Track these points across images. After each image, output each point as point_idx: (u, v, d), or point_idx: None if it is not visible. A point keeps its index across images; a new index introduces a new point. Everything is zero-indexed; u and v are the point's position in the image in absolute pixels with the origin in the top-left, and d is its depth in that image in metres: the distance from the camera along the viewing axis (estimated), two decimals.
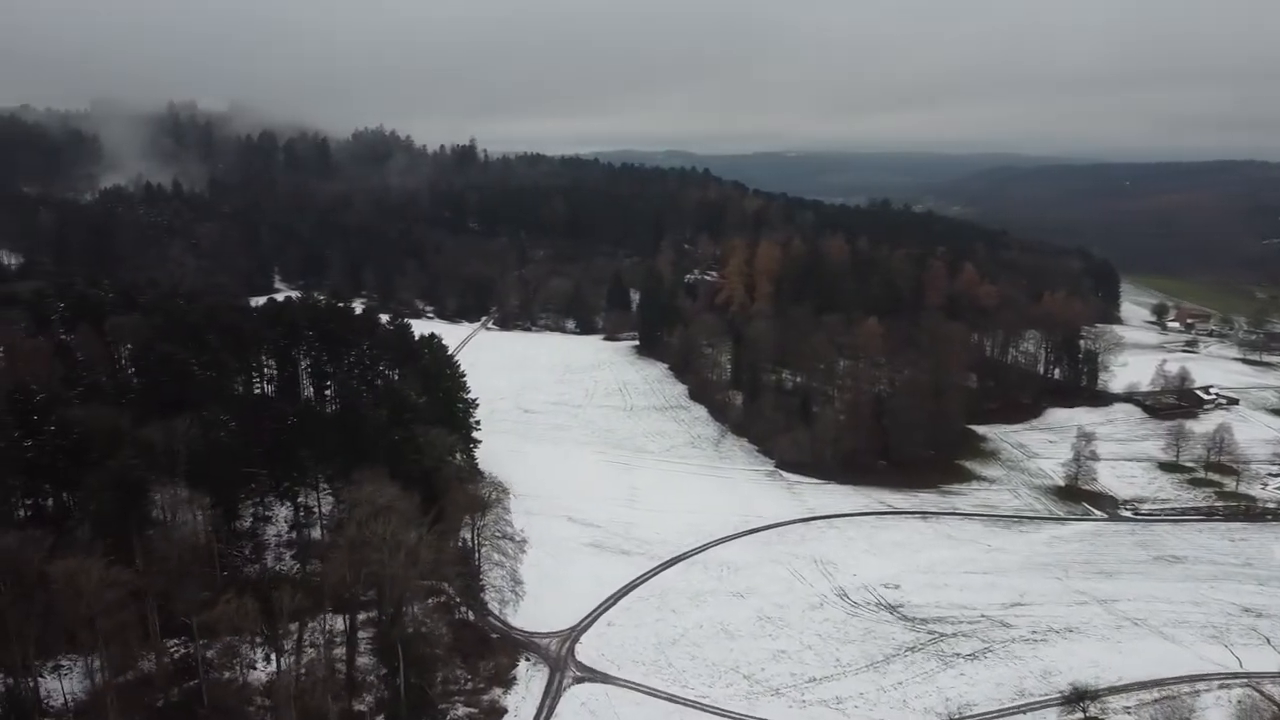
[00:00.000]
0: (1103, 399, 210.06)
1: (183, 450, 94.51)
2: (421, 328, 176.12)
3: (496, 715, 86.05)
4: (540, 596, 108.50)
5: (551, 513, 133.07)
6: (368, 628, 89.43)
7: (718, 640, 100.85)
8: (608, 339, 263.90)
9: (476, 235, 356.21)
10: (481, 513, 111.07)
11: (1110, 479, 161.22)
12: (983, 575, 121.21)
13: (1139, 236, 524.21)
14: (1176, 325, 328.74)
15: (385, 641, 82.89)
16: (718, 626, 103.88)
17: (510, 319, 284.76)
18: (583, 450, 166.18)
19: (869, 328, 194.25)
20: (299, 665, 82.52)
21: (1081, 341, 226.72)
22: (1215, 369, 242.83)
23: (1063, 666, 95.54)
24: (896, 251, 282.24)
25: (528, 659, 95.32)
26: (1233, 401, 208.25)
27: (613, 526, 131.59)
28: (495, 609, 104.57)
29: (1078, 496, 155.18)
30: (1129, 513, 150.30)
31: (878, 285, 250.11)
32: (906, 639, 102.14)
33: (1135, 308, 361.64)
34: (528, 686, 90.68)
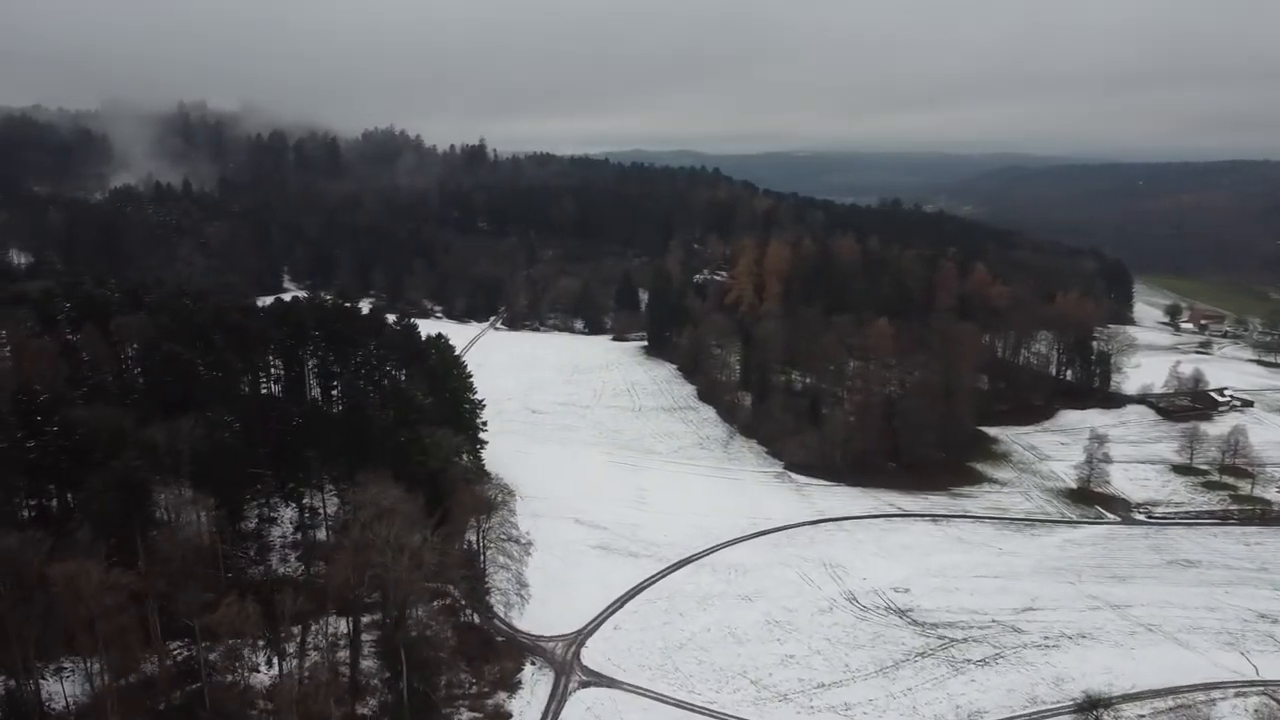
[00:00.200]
0: (1115, 401, 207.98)
1: (186, 451, 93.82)
2: (430, 328, 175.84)
3: None
4: (546, 599, 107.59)
5: (558, 514, 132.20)
6: (372, 630, 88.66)
7: (725, 644, 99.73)
8: (616, 339, 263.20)
9: (485, 235, 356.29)
10: (487, 515, 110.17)
11: (1123, 482, 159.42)
12: (994, 579, 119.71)
13: (1152, 237, 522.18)
14: (1190, 326, 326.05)
15: (389, 645, 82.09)
16: (725, 630, 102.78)
17: (519, 319, 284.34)
18: (590, 451, 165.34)
19: (879, 328, 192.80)
20: (302, 669, 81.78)
21: (1094, 343, 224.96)
22: (1229, 371, 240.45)
23: (1075, 673, 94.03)
24: (907, 252, 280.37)
25: (533, 663, 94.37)
26: (1247, 404, 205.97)
27: (620, 528, 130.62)
28: (501, 612, 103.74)
29: (1090, 499, 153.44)
30: (1142, 516, 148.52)
31: (888, 285, 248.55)
32: (916, 644, 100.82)
33: (1148, 309, 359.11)
34: (533, 691, 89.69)
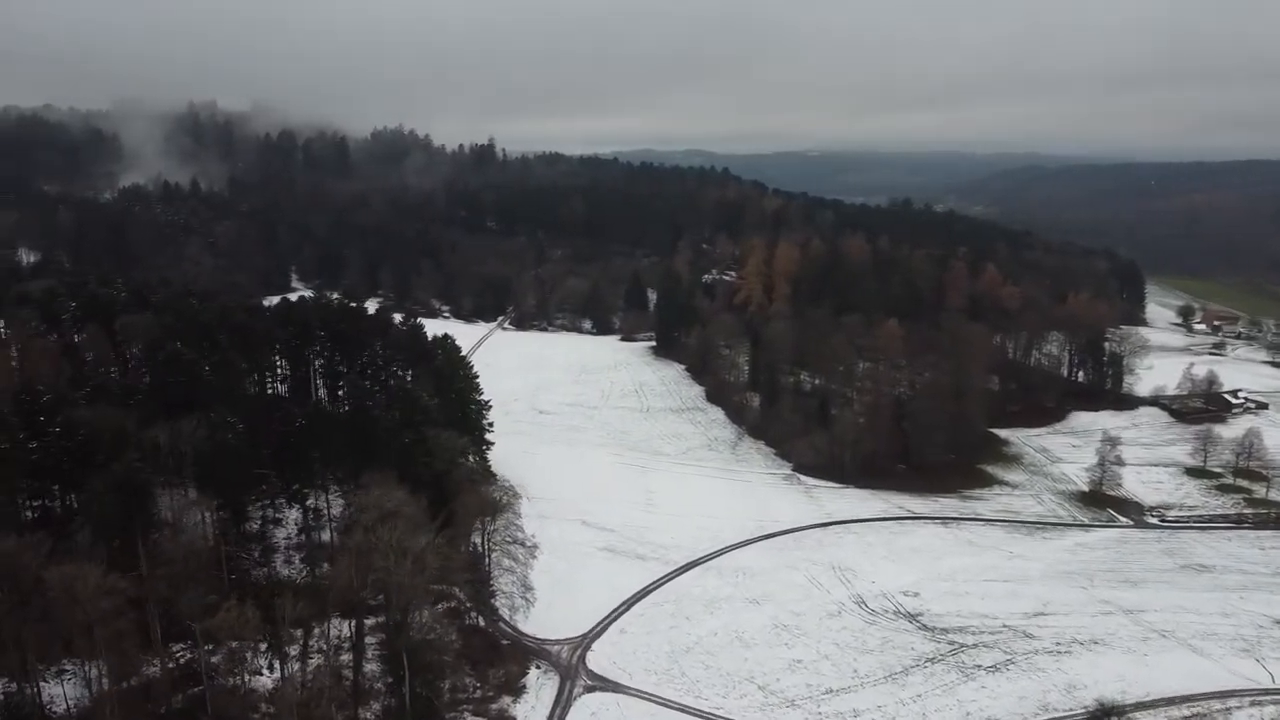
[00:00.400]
0: (1128, 402, 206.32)
1: (189, 452, 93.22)
2: (437, 327, 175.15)
3: None
4: (552, 602, 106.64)
5: (565, 516, 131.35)
6: (375, 634, 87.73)
7: (732, 649, 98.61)
8: (624, 339, 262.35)
9: (494, 235, 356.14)
10: (492, 517, 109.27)
11: (1136, 485, 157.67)
12: (1004, 583, 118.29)
13: (1165, 237, 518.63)
14: (1203, 327, 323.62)
15: (391, 649, 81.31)
16: (733, 634, 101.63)
17: (526, 319, 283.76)
18: (598, 452, 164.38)
19: (889, 329, 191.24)
20: (304, 672, 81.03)
21: (1106, 343, 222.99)
22: (1243, 372, 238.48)
23: (1088, 680, 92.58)
24: (917, 252, 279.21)
25: (538, 666, 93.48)
26: (1262, 406, 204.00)
27: (627, 531, 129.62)
28: (506, 615, 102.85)
29: (1102, 502, 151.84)
30: (1155, 519, 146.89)
31: (898, 286, 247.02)
32: (926, 649, 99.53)
33: (1161, 309, 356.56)
34: (538, 695, 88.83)
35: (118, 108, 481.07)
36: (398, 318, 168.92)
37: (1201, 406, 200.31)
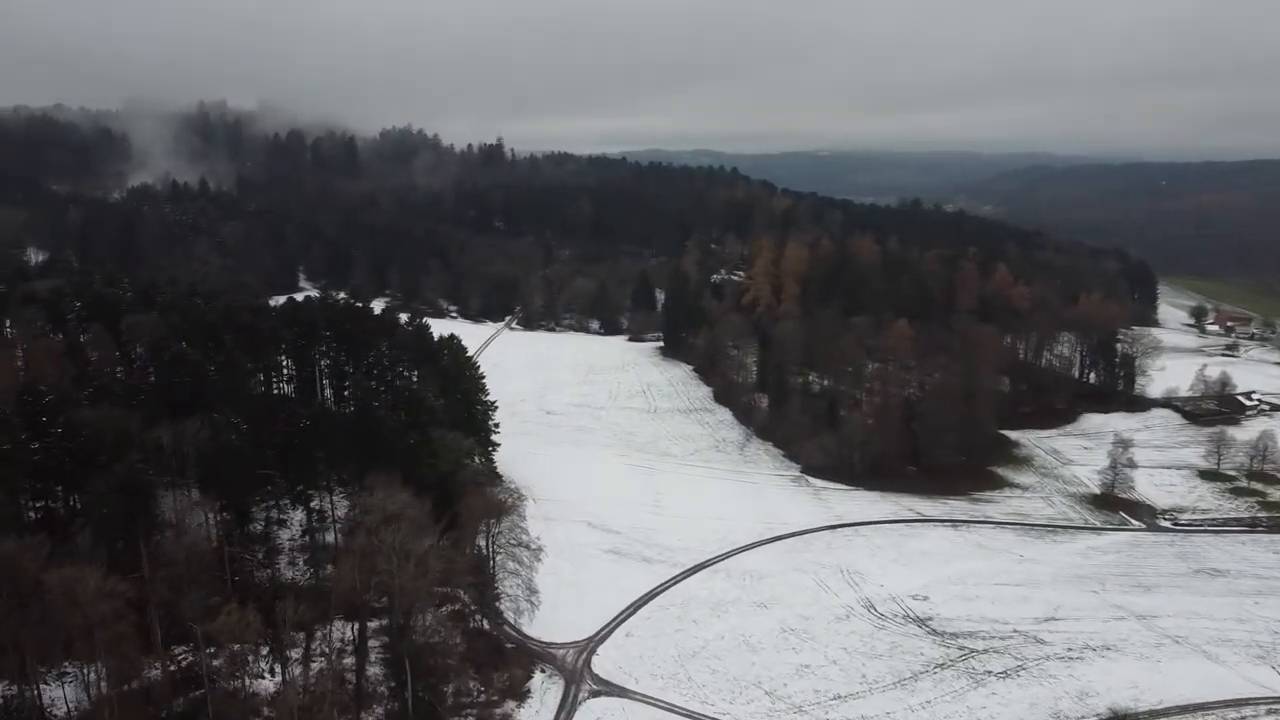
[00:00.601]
0: (1140, 404, 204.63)
1: (192, 452, 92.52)
2: (445, 327, 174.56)
3: None
4: (557, 605, 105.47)
5: (571, 518, 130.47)
6: (379, 636, 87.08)
7: (739, 653, 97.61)
8: (632, 340, 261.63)
9: (502, 234, 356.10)
10: (497, 519, 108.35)
11: (1148, 487, 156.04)
12: (1015, 587, 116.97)
13: (1176, 237, 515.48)
14: (1216, 328, 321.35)
15: (394, 653, 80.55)
16: (740, 638, 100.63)
17: (534, 319, 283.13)
18: (605, 453, 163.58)
19: (898, 330, 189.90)
20: (306, 676, 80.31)
21: (1118, 344, 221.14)
22: (1257, 374, 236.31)
23: (1100, 687, 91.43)
24: (927, 252, 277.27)
25: (543, 670, 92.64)
26: (1276, 408, 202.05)
27: (634, 533, 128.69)
28: (510, 618, 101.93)
29: (1114, 505, 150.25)
30: (1168, 523, 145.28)
31: (908, 286, 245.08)
32: (935, 655, 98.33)
33: (1173, 310, 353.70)
34: (542, 699, 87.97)
35: (128, 108, 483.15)
36: (404, 318, 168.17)
37: (1214, 408, 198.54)
